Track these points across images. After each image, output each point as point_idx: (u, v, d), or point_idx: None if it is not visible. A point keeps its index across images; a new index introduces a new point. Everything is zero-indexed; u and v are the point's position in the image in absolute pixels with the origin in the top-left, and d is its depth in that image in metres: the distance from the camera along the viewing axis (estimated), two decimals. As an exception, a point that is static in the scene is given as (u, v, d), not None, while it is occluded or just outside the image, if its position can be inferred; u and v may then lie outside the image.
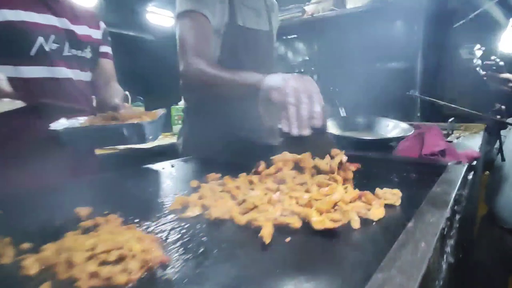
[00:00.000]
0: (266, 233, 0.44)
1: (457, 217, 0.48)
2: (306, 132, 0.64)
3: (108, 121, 0.93)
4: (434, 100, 2.15)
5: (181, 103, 2.44)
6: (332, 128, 1.31)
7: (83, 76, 1.16)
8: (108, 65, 1.29)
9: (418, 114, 2.31)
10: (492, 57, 1.32)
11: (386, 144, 1.15)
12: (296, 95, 0.65)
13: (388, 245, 0.36)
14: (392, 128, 1.26)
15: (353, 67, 2.56)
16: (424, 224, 0.38)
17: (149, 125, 0.84)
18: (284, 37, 2.99)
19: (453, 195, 0.48)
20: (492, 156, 1.49)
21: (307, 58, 2.90)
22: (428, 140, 0.81)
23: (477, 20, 1.75)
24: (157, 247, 0.41)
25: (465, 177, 0.65)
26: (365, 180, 0.74)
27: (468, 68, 1.52)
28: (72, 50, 1.12)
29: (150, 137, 0.85)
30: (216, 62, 1.13)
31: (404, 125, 1.23)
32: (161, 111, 0.98)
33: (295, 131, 0.64)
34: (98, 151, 1.66)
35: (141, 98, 2.79)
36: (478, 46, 1.44)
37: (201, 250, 0.43)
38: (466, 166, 0.68)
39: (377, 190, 0.58)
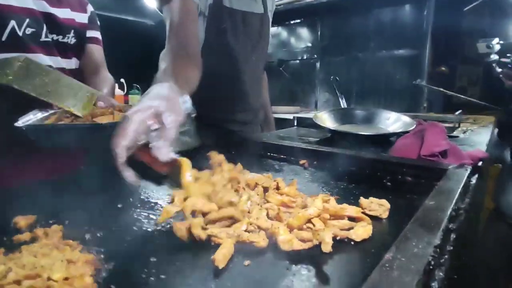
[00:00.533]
0: (220, 257, 0.37)
1: (452, 237, 0.41)
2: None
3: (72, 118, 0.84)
4: (442, 90, 2.04)
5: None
6: (329, 120, 1.22)
7: (66, 63, 1.09)
8: (96, 51, 1.21)
9: (425, 105, 2.19)
10: (508, 54, 1.21)
11: (385, 140, 1.06)
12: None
13: (362, 280, 0.29)
14: (393, 121, 1.17)
15: (357, 54, 2.44)
16: (406, 255, 0.30)
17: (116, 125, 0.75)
18: (287, 22, 2.86)
19: (449, 212, 0.40)
20: (504, 156, 1.40)
21: (310, 45, 2.78)
22: (429, 139, 0.73)
23: (491, 3, 1.62)
24: (88, 273, 0.35)
25: (466, 184, 0.56)
26: (354, 184, 0.66)
27: (481, 59, 1.41)
28: (52, 35, 1.05)
29: None
30: (201, 47, 1.05)
31: (406, 118, 1.14)
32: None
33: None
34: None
35: (138, 86, 2.72)
36: (496, 40, 1.32)
37: (142, 276, 0.36)
38: (469, 171, 0.60)
39: (362, 200, 0.50)
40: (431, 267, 0.30)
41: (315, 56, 2.75)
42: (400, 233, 0.36)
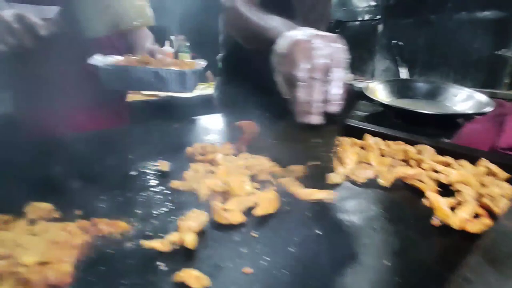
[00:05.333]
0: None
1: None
2: (315, 120, 0.45)
3: (143, 65, 0.86)
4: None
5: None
6: (383, 93, 1.06)
7: None
8: None
9: (507, 81, 1.84)
10: None
11: (449, 122, 0.89)
12: (308, 68, 0.45)
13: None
14: (463, 99, 0.97)
15: (429, 16, 2.09)
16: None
17: (191, 74, 0.81)
18: (348, -23, 2.54)
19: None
20: None
21: (374, 4, 2.45)
22: (511, 126, 0.57)
23: None
24: (67, 261, 0.31)
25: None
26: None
27: None
28: None
29: (190, 87, 0.83)
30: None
31: (481, 96, 0.93)
32: (201, 63, 0.92)
33: (300, 118, 0.45)
34: (130, 97, 1.64)
35: (188, 44, 2.67)
36: None
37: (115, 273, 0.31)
38: None
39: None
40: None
41: (378, 17, 2.43)
42: (454, 262, 0.26)
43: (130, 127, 0.88)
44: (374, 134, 0.68)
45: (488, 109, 0.81)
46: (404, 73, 1.61)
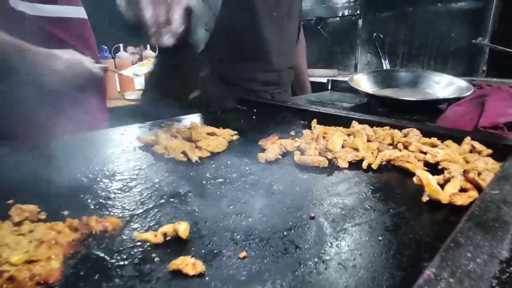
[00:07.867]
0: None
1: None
2: (163, 40, 0.52)
3: None
4: (509, 50, 1.73)
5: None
6: (367, 84, 1.08)
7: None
8: None
9: (484, 68, 1.90)
10: None
11: (432, 107, 0.91)
12: None
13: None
14: (444, 85, 1.00)
15: (407, 9, 2.14)
16: (456, 274, 0.21)
17: None
18: (327, -26, 2.57)
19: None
20: None
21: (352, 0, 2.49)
22: (491, 106, 0.58)
23: None
24: (55, 258, 0.30)
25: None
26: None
27: None
28: None
29: None
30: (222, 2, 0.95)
31: (461, 82, 0.96)
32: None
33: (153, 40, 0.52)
34: (111, 104, 1.61)
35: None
36: None
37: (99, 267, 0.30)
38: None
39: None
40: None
41: (358, 12, 2.47)
42: (444, 234, 0.27)
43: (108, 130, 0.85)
44: (362, 122, 0.69)
45: (469, 93, 0.83)
46: (386, 64, 1.63)
